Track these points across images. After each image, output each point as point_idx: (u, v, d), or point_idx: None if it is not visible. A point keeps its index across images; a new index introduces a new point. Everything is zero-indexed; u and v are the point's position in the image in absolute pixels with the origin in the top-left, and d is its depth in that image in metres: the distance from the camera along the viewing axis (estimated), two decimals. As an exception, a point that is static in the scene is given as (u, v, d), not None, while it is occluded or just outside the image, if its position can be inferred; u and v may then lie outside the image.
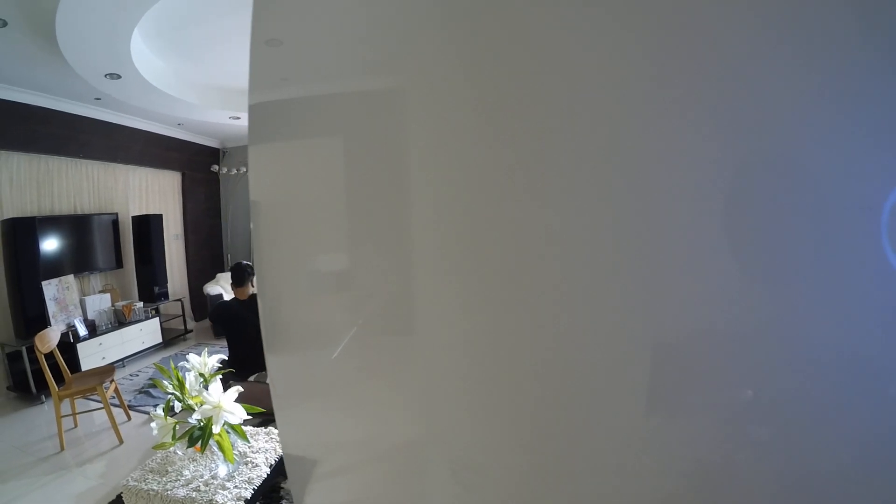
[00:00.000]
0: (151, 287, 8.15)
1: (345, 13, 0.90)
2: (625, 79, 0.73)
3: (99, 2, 3.97)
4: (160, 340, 7.92)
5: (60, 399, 4.76)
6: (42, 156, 6.85)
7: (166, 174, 9.34)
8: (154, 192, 9.04)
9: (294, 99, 0.97)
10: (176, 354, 7.75)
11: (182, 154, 9.49)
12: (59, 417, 4.77)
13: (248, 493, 2.73)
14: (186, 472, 2.90)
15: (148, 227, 8.15)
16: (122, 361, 7.20)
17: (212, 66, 6.31)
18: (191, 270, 9.87)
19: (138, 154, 8.44)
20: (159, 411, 2.83)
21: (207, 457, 2.95)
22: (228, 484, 2.79)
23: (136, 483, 2.84)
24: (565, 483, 0.85)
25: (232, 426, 2.81)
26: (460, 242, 0.84)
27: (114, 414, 4.94)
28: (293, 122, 0.97)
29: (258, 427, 3.36)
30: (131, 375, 6.85)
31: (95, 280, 7.73)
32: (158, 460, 3.05)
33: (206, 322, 9.31)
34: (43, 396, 5.98)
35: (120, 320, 7.36)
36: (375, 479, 1.05)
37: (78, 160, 7.41)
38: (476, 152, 0.81)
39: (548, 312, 0.80)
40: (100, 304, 7.25)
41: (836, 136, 0.65)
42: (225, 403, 2.69)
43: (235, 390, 2.80)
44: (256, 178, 1.03)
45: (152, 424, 2.83)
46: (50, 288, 6.43)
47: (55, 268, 6.71)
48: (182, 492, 2.71)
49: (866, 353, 0.67)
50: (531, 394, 0.84)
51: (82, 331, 6.61)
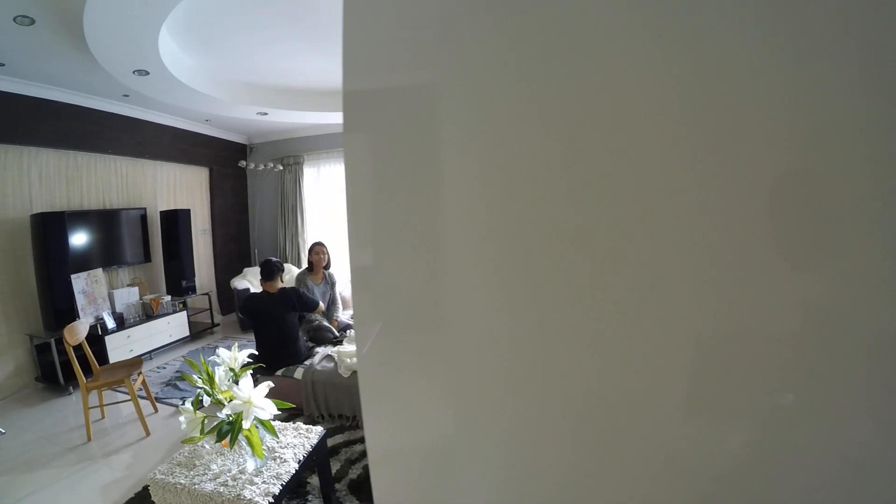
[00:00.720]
0: (179, 281, 8.07)
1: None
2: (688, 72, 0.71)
3: (127, -1, 3.94)
4: (187, 334, 7.87)
5: (88, 390, 4.70)
6: (71, 151, 6.81)
7: (194, 170, 9.27)
8: (182, 188, 8.98)
9: (391, 87, 0.90)
10: (203, 348, 7.70)
11: (209, 150, 9.42)
12: (86, 408, 4.72)
13: (276, 489, 2.61)
14: (214, 467, 2.81)
15: (176, 221, 8.08)
16: (150, 354, 7.16)
17: (239, 62, 6.20)
18: (218, 265, 9.80)
19: (166, 150, 8.39)
20: (188, 405, 2.77)
21: (235, 451, 2.82)
22: (256, 479, 2.69)
23: (163, 476, 2.75)
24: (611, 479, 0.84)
25: (261, 421, 2.73)
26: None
27: (141, 406, 4.87)
28: (388, 112, 0.90)
29: (286, 422, 3.21)
30: (158, 368, 6.79)
31: (124, 274, 7.67)
32: (186, 454, 2.97)
33: (233, 316, 9.32)
34: (71, 388, 5.94)
35: (148, 313, 7.30)
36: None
37: (107, 156, 7.36)
38: (530, 147, 0.80)
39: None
40: (128, 297, 7.20)
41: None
42: (255, 399, 2.63)
43: (266, 385, 2.75)
44: (353, 168, 0.96)
45: (181, 418, 2.75)
46: (79, 281, 6.37)
47: (84, 261, 6.64)
48: (209, 486, 2.63)
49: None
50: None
51: (110, 323, 6.56)
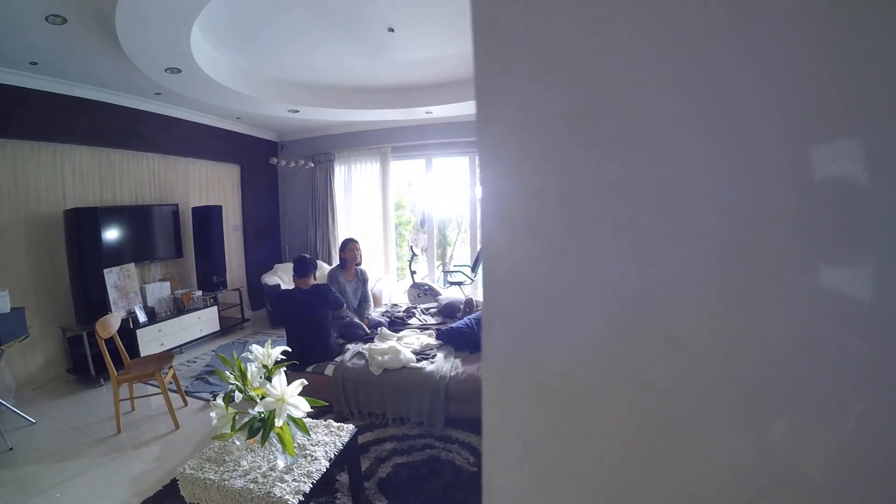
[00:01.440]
0: (210, 276, 8.03)
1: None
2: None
3: (158, -4, 3.92)
4: (218, 328, 7.83)
5: (119, 383, 4.68)
6: (104, 149, 6.82)
7: (226, 167, 9.25)
8: (213, 184, 8.96)
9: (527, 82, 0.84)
10: (233, 342, 7.66)
11: (241, 147, 9.40)
12: (117, 401, 4.70)
13: (306, 487, 2.54)
14: (244, 463, 2.75)
15: (208, 217, 8.04)
16: (181, 348, 7.14)
17: (271, 60, 6.14)
18: (249, 261, 9.78)
19: (198, 147, 8.37)
20: (219, 401, 2.73)
21: (266, 448, 2.77)
22: (287, 477, 2.61)
23: (192, 471, 2.71)
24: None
25: (293, 419, 2.68)
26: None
27: (171, 399, 4.84)
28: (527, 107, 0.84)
29: (316, 418, 3.11)
30: (189, 362, 6.75)
31: (156, 268, 7.64)
32: (216, 449, 2.92)
33: (263, 312, 9.27)
34: (102, 379, 5.93)
35: (179, 308, 7.28)
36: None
37: (139, 153, 7.37)
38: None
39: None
40: (159, 291, 7.17)
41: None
42: (289, 396, 2.58)
43: (299, 383, 2.69)
44: (487, 165, 0.90)
45: (212, 414, 2.73)
46: (111, 275, 6.33)
47: (116, 256, 6.61)
48: (239, 483, 2.57)
49: None
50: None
51: (142, 317, 6.54)
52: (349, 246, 6.01)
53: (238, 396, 2.70)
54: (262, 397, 2.60)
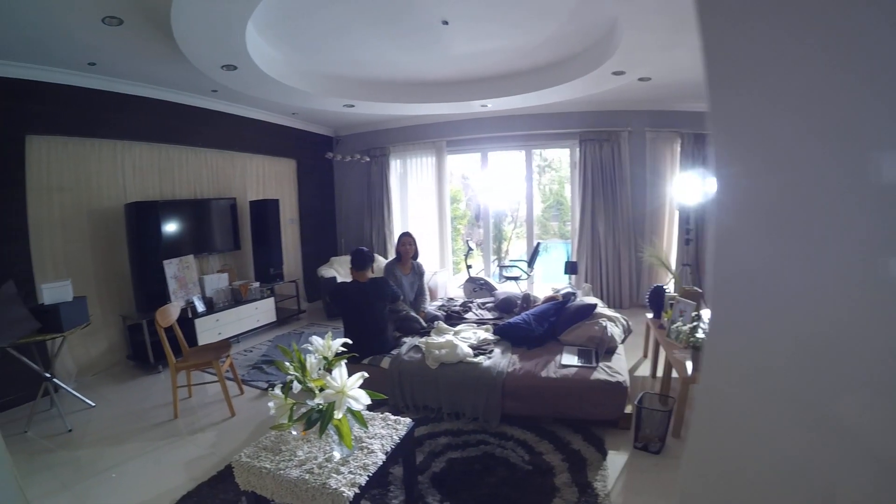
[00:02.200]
0: (267, 268, 8.09)
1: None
2: None
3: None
4: (274, 319, 7.89)
5: (177, 370, 4.74)
6: (163, 145, 6.95)
7: (282, 161, 9.33)
8: (270, 179, 9.04)
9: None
10: (289, 333, 7.70)
11: (297, 142, 9.47)
12: (175, 387, 4.77)
13: (362, 480, 2.47)
14: (300, 453, 2.72)
15: (265, 211, 8.09)
16: (237, 337, 7.21)
17: (326, 55, 6.09)
18: (305, 253, 9.83)
19: (254, 142, 8.47)
20: (278, 391, 2.70)
21: (322, 439, 2.69)
22: (343, 468, 2.55)
23: (248, 459, 2.70)
24: None
25: (352, 411, 2.62)
26: None
27: (227, 387, 4.86)
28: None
29: (371, 411, 3.04)
30: (245, 351, 6.80)
31: (214, 260, 7.75)
32: (272, 438, 2.90)
33: (319, 303, 9.34)
34: (160, 366, 6.04)
35: (236, 299, 7.34)
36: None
37: (197, 148, 7.49)
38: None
39: None
40: (218, 283, 7.24)
41: None
42: (349, 389, 2.54)
43: (360, 376, 2.65)
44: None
45: (270, 404, 2.69)
46: (171, 267, 6.41)
47: (176, 248, 6.71)
48: (295, 473, 2.54)
49: None
50: None
51: (200, 307, 6.62)
52: (404, 239, 5.93)
53: (297, 387, 2.66)
54: (321, 389, 2.56)
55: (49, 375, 4.86)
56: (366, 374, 2.67)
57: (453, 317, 5.93)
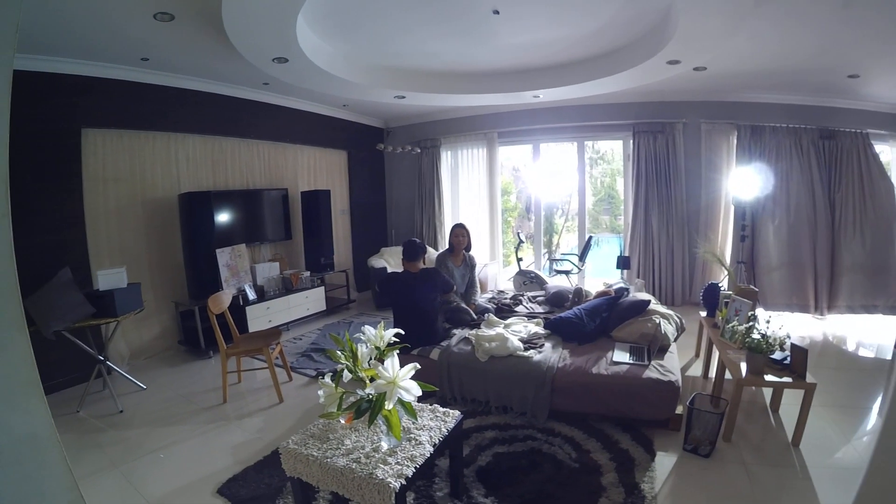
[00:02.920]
0: (318, 258, 8.14)
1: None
2: None
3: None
4: (324, 308, 7.96)
5: (227, 356, 4.82)
6: (215, 137, 7.07)
7: (333, 153, 9.38)
8: (322, 170, 9.11)
9: None
10: (338, 322, 7.76)
11: (347, 133, 9.51)
12: (224, 372, 4.84)
13: (409, 471, 2.45)
14: (347, 442, 2.71)
15: (316, 202, 8.13)
16: (287, 325, 7.29)
17: (376, 47, 6.06)
18: (356, 244, 9.89)
19: (305, 134, 8.54)
20: (328, 380, 2.70)
21: (370, 428, 2.68)
22: (390, 459, 2.53)
23: (295, 446, 2.71)
24: None
25: (403, 402, 2.58)
26: None
27: (276, 374, 4.90)
28: None
29: (420, 402, 3.00)
30: (295, 339, 6.87)
31: (265, 249, 7.85)
32: (320, 426, 2.90)
33: (369, 293, 9.38)
34: (211, 352, 6.17)
35: (287, 287, 7.41)
36: None
37: (249, 140, 7.59)
38: None
39: None
40: (269, 271, 7.32)
41: None
42: (401, 380, 2.51)
43: (412, 367, 2.61)
44: None
45: (319, 392, 2.70)
46: (223, 255, 6.50)
47: (228, 237, 6.81)
48: (342, 461, 2.53)
49: None
50: None
51: (251, 295, 6.70)
52: (456, 231, 5.89)
53: (347, 376, 2.64)
54: (372, 379, 2.54)
55: (102, 358, 5.02)
56: (418, 366, 2.63)
57: (504, 310, 5.85)
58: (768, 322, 3.90)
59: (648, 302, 4.96)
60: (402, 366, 2.55)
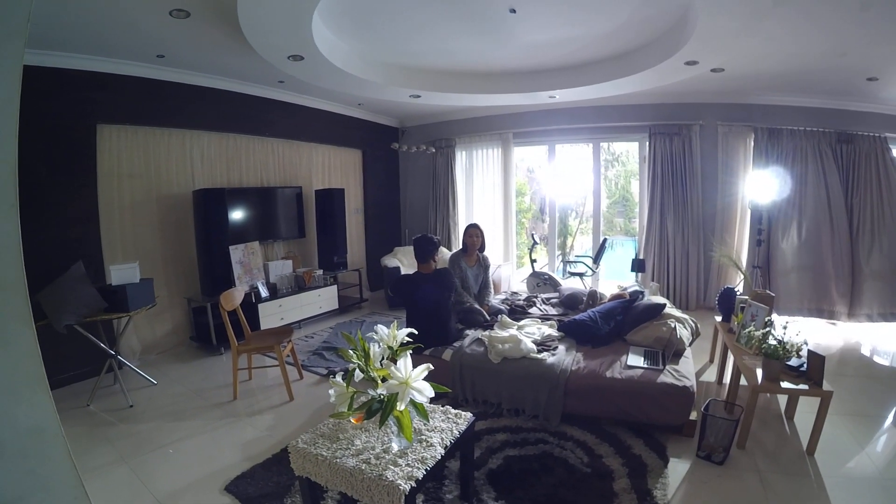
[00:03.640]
0: (331, 256, 8.14)
1: None
2: None
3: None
4: (336, 307, 7.94)
5: (239, 353, 4.82)
6: (230, 134, 7.08)
7: (348, 151, 9.37)
8: (336, 168, 9.09)
9: None
10: (350, 321, 7.74)
11: (362, 133, 9.49)
12: (235, 369, 4.86)
13: (419, 474, 2.41)
14: (357, 442, 2.69)
15: (330, 200, 8.12)
16: (299, 323, 7.28)
17: (391, 45, 6.03)
18: (369, 243, 9.89)
19: (320, 132, 8.53)
20: (339, 379, 2.67)
21: (381, 429, 2.64)
22: (400, 461, 2.50)
23: (305, 445, 2.69)
24: None
25: (414, 403, 2.55)
26: None
27: (287, 371, 4.90)
28: None
29: (432, 403, 2.95)
30: (306, 337, 6.85)
31: (279, 247, 7.85)
32: (330, 425, 2.88)
33: (381, 293, 9.36)
34: (222, 349, 6.18)
35: (300, 285, 7.40)
36: None
37: (264, 138, 7.58)
38: None
39: None
40: (282, 269, 7.32)
41: None
42: (413, 380, 2.49)
43: (425, 368, 2.59)
44: None
45: (330, 391, 2.66)
46: (236, 252, 6.50)
47: (242, 234, 6.82)
48: (351, 462, 2.51)
49: None
50: None
51: (264, 293, 6.69)
52: (470, 231, 5.84)
53: (359, 376, 2.60)
54: (384, 379, 2.51)
55: (114, 353, 5.05)
56: (431, 367, 2.59)
57: (517, 311, 5.79)
58: (785, 328, 3.84)
59: (664, 306, 4.89)
60: (414, 366, 2.50)
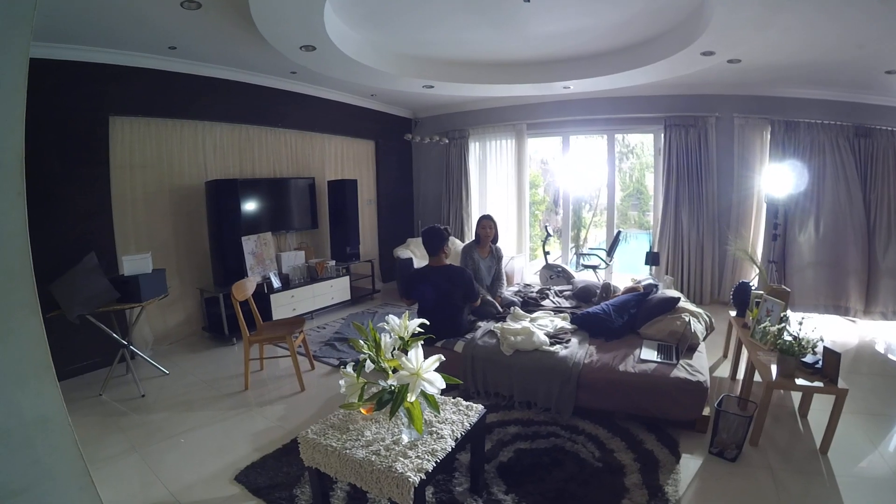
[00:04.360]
0: (344, 247, 8.15)
1: None
2: None
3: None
4: (348, 297, 7.97)
5: (250, 343, 4.83)
6: (243, 125, 7.10)
7: (361, 142, 9.36)
8: (349, 159, 9.09)
9: None
10: (362, 312, 7.75)
11: (375, 124, 9.47)
12: (247, 360, 4.86)
13: (429, 466, 2.39)
14: (367, 434, 2.67)
15: (343, 191, 8.12)
16: (311, 314, 7.31)
17: (404, 35, 5.98)
18: (382, 234, 9.89)
19: (333, 123, 8.52)
20: (350, 369, 2.67)
21: (392, 420, 2.65)
22: (410, 452, 2.48)
23: (315, 436, 2.68)
24: None
25: (425, 395, 2.54)
26: None
27: (298, 362, 4.91)
28: None
29: (443, 395, 2.93)
30: (318, 328, 6.86)
31: (291, 238, 7.86)
32: (340, 416, 2.87)
33: (394, 284, 9.35)
34: (234, 339, 6.21)
35: (312, 276, 7.42)
36: None
37: (277, 129, 7.60)
38: None
39: None
40: (294, 260, 7.34)
41: None
42: (424, 372, 2.45)
43: (437, 359, 2.54)
44: None
45: (341, 382, 2.67)
46: (249, 243, 6.52)
47: (254, 225, 6.84)
48: (361, 453, 2.49)
49: None
50: None
51: (276, 283, 6.71)
52: (483, 222, 5.81)
53: (369, 366, 2.59)
54: (395, 369, 2.48)
55: (126, 343, 5.07)
56: (442, 357, 2.56)
57: (530, 303, 5.77)
58: (801, 324, 3.77)
59: (678, 299, 4.84)
60: (426, 357, 2.48)
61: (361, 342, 2.65)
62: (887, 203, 6.88)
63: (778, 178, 6.49)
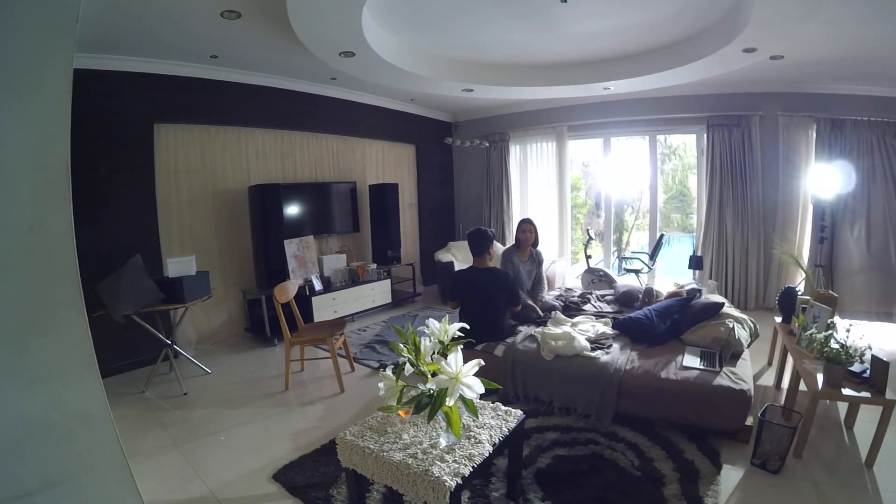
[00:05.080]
0: (385, 251, 8.20)
1: None
2: None
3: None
4: (389, 300, 8.01)
5: (292, 344, 4.87)
6: (285, 131, 7.22)
7: (401, 146, 9.42)
8: (390, 163, 9.16)
9: None
10: (403, 315, 7.76)
11: (415, 128, 9.53)
12: (288, 360, 4.92)
13: (466, 471, 2.36)
14: (405, 437, 2.67)
15: (384, 195, 8.17)
16: (352, 316, 7.35)
17: (442, 39, 6.01)
18: (423, 237, 9.92)
19: (374, 128, 8.61)
20: (389, 372, 2.65)
21: (430, 424, 2.62)
22: (447, 456, 2.46)
23: (353, 438, 2.69)
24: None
25: (464, 399, 2.50)
26: None
27: (339, 364, 4.95)
28: None
29: (482, 398, 2.86)
30: (359, 330, 6.90)
31: (333, 241, 7.94)
32: (378, 419, 2.89)
33: (434, 287, 9.36)
34: (276, 340, 6.29)
35: (353, 279, 7.48)
36: None
37: (318, 134, 7.71)
38: None
39: None
40: (336, 263, 7.41)
41: None
42: (463, 376, 2.42)
43: (476, 363, 2.51)
44: None
45: (380, 384, 2.66)
46: (291, 246, 6.62)
47: (296, 228, 6.94)
48: (398, 456, 2.49)
49: None
50: None
51: (318, 286, 6.80)
52: (524, 226, 5.77)
53: (409, 369, 2.57)
54: (434, 373, 2.47)
55: (170, 342, 5.22)
56: (482, 362, 2.53)
57: (571, 308, 5.69)
58: (848, 331, 3.64)
59: (722, 305, 4.72)
60: (465, 361, 2.45)
61: (401, 345, 2.64)
62: (941, 205, 6.62)
63: (824, 179, 6.32)
